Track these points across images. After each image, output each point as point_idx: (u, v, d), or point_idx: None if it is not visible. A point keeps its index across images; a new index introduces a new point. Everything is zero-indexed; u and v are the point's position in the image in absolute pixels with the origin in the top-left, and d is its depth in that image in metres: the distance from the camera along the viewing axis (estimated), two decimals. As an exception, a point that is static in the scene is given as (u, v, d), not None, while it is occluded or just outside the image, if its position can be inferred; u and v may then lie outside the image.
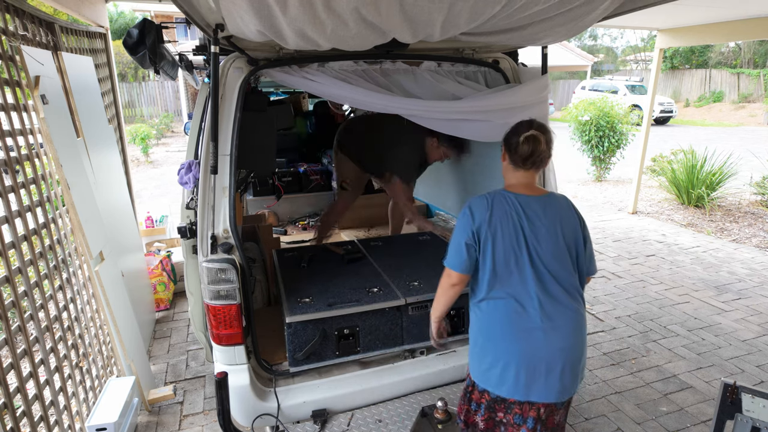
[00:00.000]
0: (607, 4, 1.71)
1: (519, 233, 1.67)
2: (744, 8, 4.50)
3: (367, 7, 1.46)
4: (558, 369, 1.65)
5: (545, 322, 1.65)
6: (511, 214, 1.68)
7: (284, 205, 5.07)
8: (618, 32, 33.15)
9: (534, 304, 1.66)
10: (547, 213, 1.71)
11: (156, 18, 11.79)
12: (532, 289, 1.66)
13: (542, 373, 1.65)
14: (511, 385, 1.67)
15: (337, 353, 2.26)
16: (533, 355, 1.65)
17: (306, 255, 2.87)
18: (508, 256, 1.66)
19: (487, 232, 1.66)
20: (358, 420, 2.18)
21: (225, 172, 2.03)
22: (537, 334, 1.65)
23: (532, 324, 1.65)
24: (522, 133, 1.69)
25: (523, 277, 1.67)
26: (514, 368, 1.66)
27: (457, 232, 1.72)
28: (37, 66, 2.35)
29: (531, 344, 1.65)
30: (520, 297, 1.67)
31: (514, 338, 1.66)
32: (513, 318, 1.67)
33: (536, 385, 1.65)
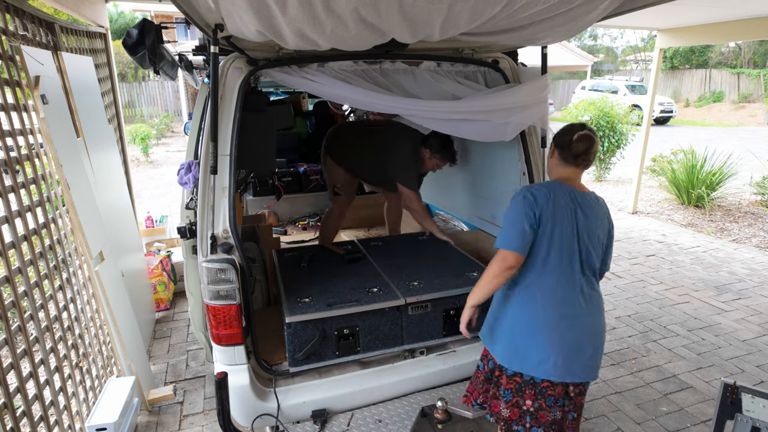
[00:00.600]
0: (607, 4, 1.71)
1: (573, 225, 1.78)
2: (744, 8, 4.50)
3: (367, 8, 1.46)
4: (591, 351, 1.80)
5: (584, 309, 1.79)
6: (568, 205, 1.79)
7: (284, 205, 5.07)
8: (618, 32, 33.17)
9: (577, 292, 1.79)
10: (594, 210, 1.85)
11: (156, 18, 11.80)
12: (578, 278, 1.79)
13: (580, 355, 1.78)
14: (551, 366, 1.76)
15: (337, 353, 2.26)
16: (574, 340, 1.78)
17: (306, 255, 2.87)
18: (563, 245, 1.76)
19: (549, 219, 1.75)
20: (358, 420, 2.18)
21: (225, 172, 2.03)
22: (579, 320, 1.79)
23: (575, 311, 1.78)
24: (576, 132, 1.82)
25: (572, 267, 1.78)
26: (556, 351, 1.76)
27: (517, 214, 1.77)
28: (37, 66, 2.35)
29: (573, 329, 1.78)
30: (567, 284, 1.78)
31: (558, 323, 1.77)
32: (558, 304, 1.77)
33: (574, 366, 1.78)
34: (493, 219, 3.12)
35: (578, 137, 1.81)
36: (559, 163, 1.89)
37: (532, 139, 2.52)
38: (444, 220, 4.01)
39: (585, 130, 1.82)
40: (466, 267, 2.66)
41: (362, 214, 4.76)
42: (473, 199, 3.42)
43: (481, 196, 3.29)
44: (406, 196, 3.22)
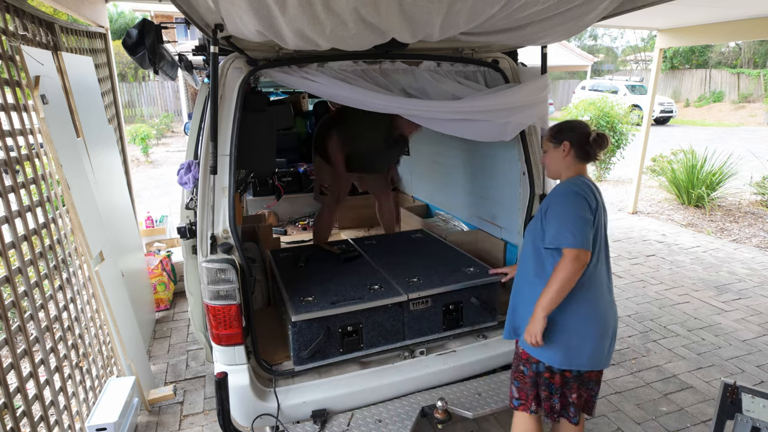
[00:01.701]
0: (606, 4, 1.72)
1: (602, 217, 1.86)
2: (744, 8, 4.50)
3: (366, 7, 1.46)
4: (615, 334, 1.94)
5: (611, 295, 1.92)
6: (600, 200, 1.87)
7: (284, 205, 5.07)
8: (618, 32, 33.17)
9: (609, 282, 1.91)
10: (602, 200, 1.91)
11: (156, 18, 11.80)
12: (606, 266, 1.91)
13: (612, 340, 1.90)
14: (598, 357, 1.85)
15: (341, 350, 2.27)
16: (611, 327, 1.88)
17: (302, 255, 2.88)
18: (601, 240, 1.85)
19: (598, 215, 1.82)
20: (358, 420, 2.18)
21: (224, 172, 2.03)
22: (611, 308, 1.90)
23: (610, 299, 1.90)
24: (589, 131, 1.86)
25: (606, 259, 1.91)
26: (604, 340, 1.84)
27: (579, 209, 1.77)
28: (37, 66, 2.35)
29: (611, 318, 1.89)
30: (605, 277, 1.89)
31: (606, 313, 1.86)
32: (603, 297, 1.87)
33: (606, 354, 1.88)
34: (493, 219, 3.12)
35: (599, 136, 1.85)
36: (574, 161, 1.89)
37: (532, 139, 2.52)
38: (444, 220, 4.01)
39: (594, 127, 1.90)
40: (462, 263, 2.69)
41: (362, 214, 4.77)
42: (473, 199, 3.43)
43: (481, 196, 3.29)
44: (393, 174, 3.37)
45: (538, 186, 2.57)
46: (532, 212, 2.58)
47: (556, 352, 1.86)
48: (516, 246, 2.82)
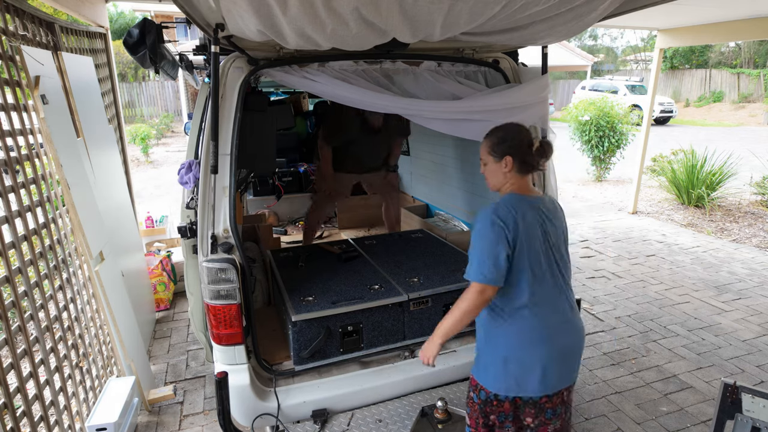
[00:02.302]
0: (607, 4, 1.71)
1: (544, 234, 1.72)
2: (744, 8, 4.50)
3: (367, 7, 1.46)
4: (577, 353, 1.79)
5: (569, 314, 1.76)
6: (535, 217, 1.71)
7: (284, 205, 5.07)
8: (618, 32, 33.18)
9: (563, 299, 1.75)
10: (554, 212, 1.81)
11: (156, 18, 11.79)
12: (561, 286, 1.75)
13: (569, 362, 1.76)
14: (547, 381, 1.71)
15: (341, 350, 2.27)
16: (565, 348, 1.74)
17: (302, 255, 2.89)
18: (539, 258, 1.69)
19: (522, 238, 1.65)
20: (358, 420, 2.18)
21: (225, 171, 2.03)
22: (565, 327, 1.75)
23: (563, 318, 1.74)
24: (532, 140, 1.72)
25: (554, 278, 1.73)
26: (552, 366, 1.70)
27: (489, 243, 1.64)
28: (37, 66, 2.35)
29: (564, 338, 1.74)
30: (554, 296, 1.73)
31: (550, 337, 1.71)
32: (550, 318, 1.71)
33: (565, 374, 1.75)
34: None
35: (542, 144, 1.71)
36: (515, 176, 1.75)
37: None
38: (444, 220, 4.01)
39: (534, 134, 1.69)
40: (462, 262, 2.67)
41: (362, 214, 4.77)
42: (473, 199, 3.43)
43: (481, 196, 3.29)
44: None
45: (538, 186, 2.57)
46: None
47: (500, 380, 1.73)
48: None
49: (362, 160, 3.65)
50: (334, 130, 3.48)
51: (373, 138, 3.51)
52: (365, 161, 3.68)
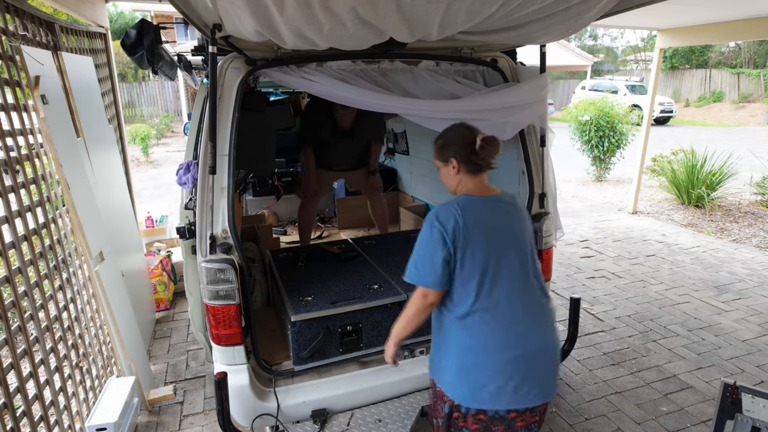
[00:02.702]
0: (604, 3, 1.72)
1: (497, 235, 1.63)
2: (744, 8, 4.49)
3: (365, 7, 1.46)
4: (547, 366, 1.65)
5: (532, 322, 1.63)
6: (485, 218, 1.63)
7: (284, 205, 5.07)
8: (618, 32, 33.18)
9: (520, 306, 1.63)
10: (514, 211, 1.71)
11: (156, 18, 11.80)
12: (517, 291, 1.63)
13: (537, 374, 1.62)
14: (513, 394, 1.59)
15: (341, 350, 2.27)
16: (529, 359, 1.61)
17: (302, 255, 2.89)
18: (489, 261, 1.60)
19: (465, 242, 1.57)
20: (358, 420, 2.18)
21: (223, 172, 2.04)
22: (529, 336, 1.62)
23: (522, 327, 1.62)
24: (474, 139, 1.64)
25: (507, 280, 1.62)
26: (515, 377, 1.59)
27: (428, 247, 1.61)
28: (37, 66, 2.35)
29: (526, 348, 1.61)
30: (508, 302, 1.62)
31: (509, 346, 1.60)
32: (505, 325, 1.61)
33: (533, 388, 1.61)
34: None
35: (484, 141, 1.62)
36: (465, 177, 1.69)
37: (531, 139, 2.52)
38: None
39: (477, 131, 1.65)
40: None
41: (362, 214, 4.77)
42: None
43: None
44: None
45: (538, 185, 2.57)
46: (531, 211, 2.58)
47: (460, 387, 1.64)
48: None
49: (337, 158, 3.79)
50: (309, 130, 3.63)
51: (345, 138, 3.64)
52: (340, 160, 3.81)
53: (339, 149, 3.71)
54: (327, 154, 3.74)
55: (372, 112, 2.48)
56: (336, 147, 3.69)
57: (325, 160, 3.78)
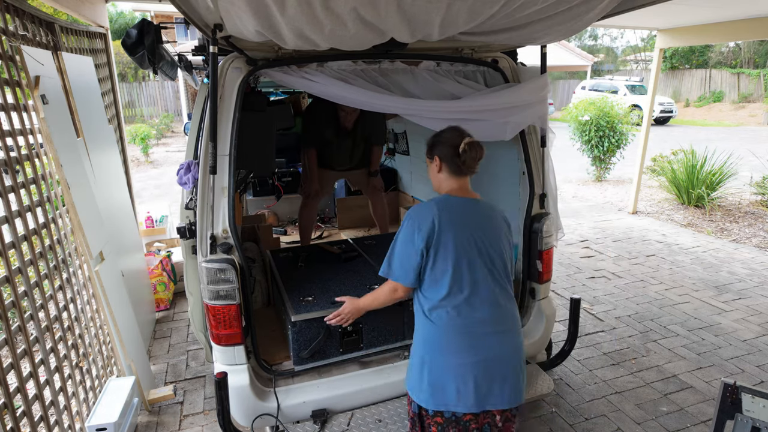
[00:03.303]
0: (606, 4, 1.72)
1: (471, 236, 1.66)
2: (744, 8, 4.49)
3: (366, 7, 1.46)
4: (510, 373, 1.65)
5: (496, 326, 1.65)
6: (460, 218, 1.67)
7: (284, 205, 5.07)
8: (618, 32, 33.17)
9: (486, 308, 1.65)
10: (491, 216, 1.76)
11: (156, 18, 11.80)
12: (485, 293, 1.65)
13: (497, 379, 1.62)
14: (470, 397, 1.60)
15: (341, 350, 2.27)
16: (488, 362, 1.62)
17: (302, 255, 2.88)
18: (461, 261, 1.63)
19: (438, 240, 1.62)
20: (358, 420, 2.18)
21: (224, 172, 2.04)
22: (491, 339, 1.64)
23: (485, 329, 1.64)
24: (460, 142, 1.68)
25: (476, 281, 1.64)
26: (471, 379, 1.60)
27: (403, 243, 1.67)
28: (37, 66, 2.35)
29: (486, 351, 1.62)
30: (473, 302, 1.64)
31: (468, 347, 1.62)
32: (466, 325, 1.62)
33: (492, 392, 1.62)
34: (493, 219, 3.12)
35: (467, 146, 1.67)
36: (448, 177, 1.74)
37: (531, 139, 2.52)
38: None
39: (467, 135, 1.70)
40: None
41: (362, 214, 4.77)
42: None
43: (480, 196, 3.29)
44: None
45: (538, 186, 2.57)
46: (531, 212, 2.58)
47: (418, 387, 1.68)
48: (516, 245, 2.81)
49: (339, 158, 3.79)
50: (311, 130, 3.63)
51: (347, 138, 3.65)
52: (342, 159, 3.81)
53: (341, 149, 3.72)
54: (329, 154, 3.74)
55: (374, 112, 2.50)
56: (338, 147, 3.69)
57: (327, 159, 3.78)
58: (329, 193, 4.49)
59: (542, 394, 2.43)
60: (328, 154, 3.75)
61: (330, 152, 3.73)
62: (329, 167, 3.84)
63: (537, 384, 2.48)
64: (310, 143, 3.67)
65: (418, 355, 1.69)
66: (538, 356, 2.77)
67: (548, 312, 2.66)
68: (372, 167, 3.97)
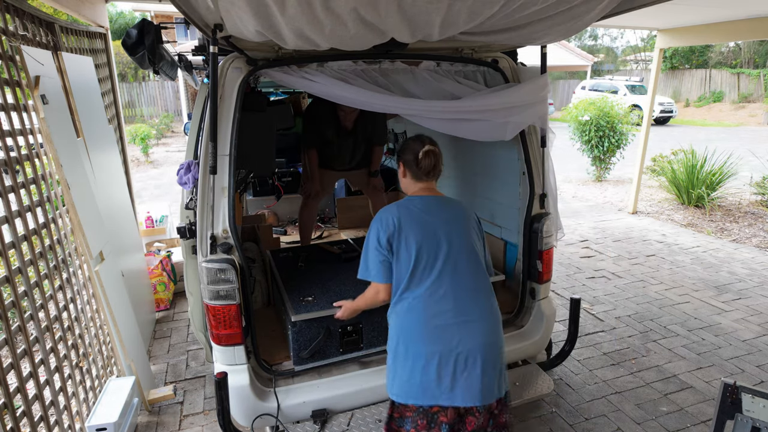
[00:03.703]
0: (606, 4, 1.72)
1: (433, 232, 1.74)
2: (744, 8, 4.49)
3: (366, 7, 1.46)
4: (478, 366, 1.64)
5: (460, 317, 1.67)
6: (422, 215, 1.77)
7: (284, 205, 5.07)
8: (618, 32, 33.17)
9: (448, 300, 1.68)
10: (454, 210, 1.84)
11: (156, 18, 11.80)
12: (447, 285, 1.70)
13: (462, 372, 1.63)
14: (434, 388, 1.63)
15: (341, 350, 2.27)
16: (451, 353, 1.63)
17: (302, 255, 2.88)
18: (421, 255, 1.71)
19: (399, 238, 1.72)
20: (358, 420, 2.18)
21: (224, 172, 2.04)
22: (452, 330, 1.66)
23: (446, 320, 1.67)
24: (419, 150, 1.82)
25: (439, 273, 1.70)
26: (434, 370, 1.63)
27: (371, 247, 1.77)
28: (37, 66, 2.35)
29: (448, 341, 1.64)
30: (436, 293, 1.69)
31: (430, 337, 1.66)
32: (427, 317, 1.68)
33: (458, 385, 1.63)
34: (493, 219, 3.12)
35: (423, 154, 1.81)
36: (411, 181, 1.90)
37: (532, 139, 2.52)
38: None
39: (426, 144, 1.83)
40: None
41: (362, 214, 4.77)
42: (473, 199, 3.42)
43: (480, 196, 3.29)
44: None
45: (538, 186, 2.57)
46: (531, 212, 2.58)
47: (392, 382, 1.74)
48: (516, 245, 2.82)
49: (340, 158, 3.79)
50: (312, 130, 3.63)
51: (348, 138, 3.65)
52: (343, 159, 3.81)
53: (342, 149, 3.72)
54: (330, 154, 3.74)
55: (375, 112, 2.51)
56: (339, 147, 3.69)
57: (327, 160, 3.78)
58: (330, 193, 4.50)
59: (542, 394, 2.43)
60: (328, 155, 3.74)
61: (331, 152, 3.73)
62: (330, 167, 3.84)
63: (537, 384, 2.48)
64: (311, 143, 3.66)
65: (390, 348, 1.78)
66: (538, 356, 2.77)
67: (548, 312, 2.66)
68: (373, 167, 3.97)
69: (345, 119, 3.51)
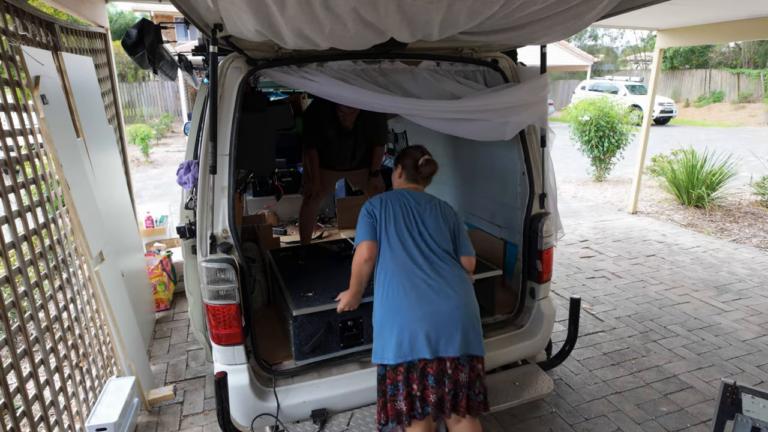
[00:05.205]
0: (605, 3, 1.72)
1: (408, 214, 2.07)
2: (744, 8, 4.49)
3: (366, 7, 1.46)
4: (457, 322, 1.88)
5: (434, 280, 1.93)
6: (401, 201, 2.10)
7: (284, 205, 5.07)
8: (618, 32, 33.17)
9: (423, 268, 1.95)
10: (429, 201, 2.14)
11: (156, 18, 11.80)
12: (419, 257, 1.98)
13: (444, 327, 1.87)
14: (421, 345, 1.85)
15: (342, 345, 2.27)
16: (432, 312, 1.88)
17: (302, 254, 2.89)
18: (400, 231, 2.03)
19: (383, 214, 2.06)
20: (358, 420, 2.19)
21: (224, 172, 2.04)
22: (429, 293, 1.91)
23: (424, 285, 1.92)
24: (420, 157, 2.18)
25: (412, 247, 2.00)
26: (420, 329, 1.85)
27: (361, 217, 2.10)
28: (37, 66, 2.35)
29: (428, 303, 1.89)
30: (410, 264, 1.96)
31: (412, 302, 1.89)
32: (406, 283, 1.93)
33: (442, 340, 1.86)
34: (493, 218, 3.12)
35: (424, 162, 2.17)
36: (404, 181, 2.23)
37: (531, 139, 2.52)
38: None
39: (426, 154, 2.20)
40: None
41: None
42: (472, 199, 3.43)
43: (480, 196, 3.29)
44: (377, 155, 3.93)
45: (538, 185, 2.57)
46: (531, 211, 2.58)
47: (378, 346, 1.95)
48: (516, 245, 2.82)
49: (340, 158, 3.79)
50: (312, 130, 3.63)
51: (349, 138, 3.65)
52: (343, 159, 3.82)
53: (343, 149, 3.72)
54: (330, 154, 3.74)
55: (375, 112, 2.52)
56: (340, 147, 3.69)
57: (328, 160, 3.78)
58: (330, 193, 4.50)
59: (542, 394, 2.43)
60: (329, 155, 3.74)
61: (331, 152, 3.72)
62: (330, 167, 3.84)
63: (537, 384, 2.48)
64: (311, 143, 3.66)
65: (378, 319, 1.97)
66: (538, 356, 2.77)
67: (548, 312, 2.66)
68: (373, 167, 3.97)
69: (345, 119, 3.51)
